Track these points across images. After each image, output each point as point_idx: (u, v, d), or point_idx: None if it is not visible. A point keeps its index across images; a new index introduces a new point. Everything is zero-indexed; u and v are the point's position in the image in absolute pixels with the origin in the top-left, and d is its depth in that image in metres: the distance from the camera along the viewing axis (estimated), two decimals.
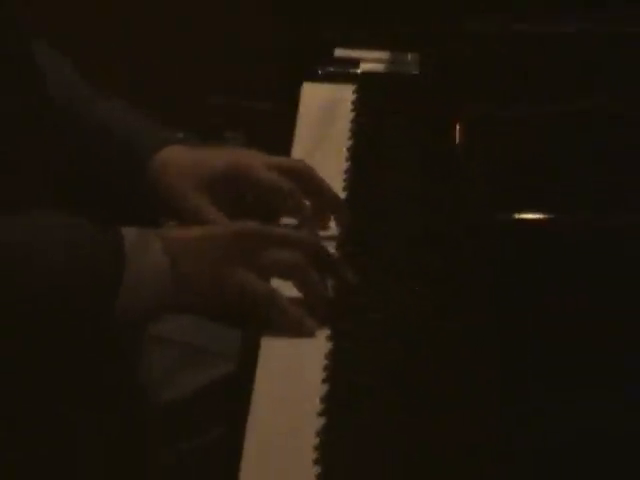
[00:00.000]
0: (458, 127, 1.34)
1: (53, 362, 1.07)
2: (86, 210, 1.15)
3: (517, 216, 1.23)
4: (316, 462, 0.89)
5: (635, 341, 1.13)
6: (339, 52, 1.54)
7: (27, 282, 1.05)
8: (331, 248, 1.16)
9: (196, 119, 1.36)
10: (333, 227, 1.21)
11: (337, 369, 1.01)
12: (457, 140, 1.33)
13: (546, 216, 1.24)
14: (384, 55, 1.55)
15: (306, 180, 1.19)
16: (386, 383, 1.00)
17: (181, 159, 1.26)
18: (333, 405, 0.95)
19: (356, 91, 1.51)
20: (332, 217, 1.21)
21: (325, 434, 0.91)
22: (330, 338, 1.05)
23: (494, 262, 1.16)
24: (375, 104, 1.48)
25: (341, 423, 0.94)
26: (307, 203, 1.18)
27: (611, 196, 1.26)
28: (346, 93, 1.52)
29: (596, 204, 1.26)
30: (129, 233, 1.06)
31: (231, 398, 1.09)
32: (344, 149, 1.38)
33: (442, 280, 1.12)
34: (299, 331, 1.06)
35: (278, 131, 1.40)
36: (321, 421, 0.93)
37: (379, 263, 1.16)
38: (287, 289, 1.07)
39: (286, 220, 1.24)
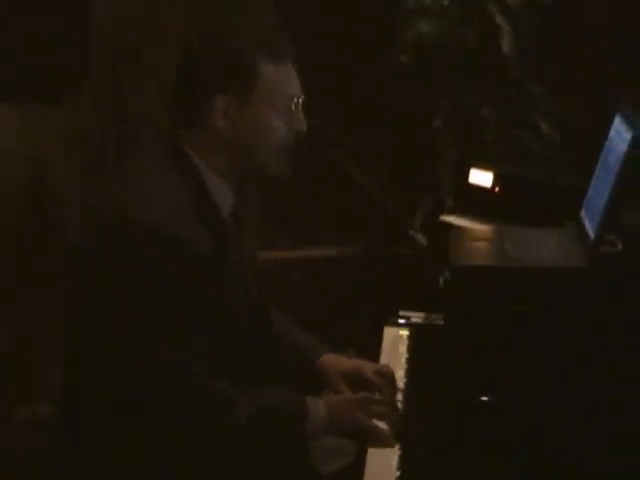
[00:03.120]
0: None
1: (268, 458, 1.71)
2: (285, 383, 1.80)
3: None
4: None
5: None
6: (401, 313, 2.15)
7: (263, 422, 1.68)
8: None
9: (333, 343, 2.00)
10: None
11: (403, 461, 1.66)
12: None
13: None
14: (423, 314, 2.15)
15: (388, 377, 1.88)
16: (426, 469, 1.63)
17: (330, 361, 1.92)
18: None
19: (409, 331, 2.13)
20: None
21: None
22: (400, 448, 1.70)
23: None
24: (418, 337, 2.09)
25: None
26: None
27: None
28: (404, 332, 2.13)
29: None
30: (307, 398, 1.74)
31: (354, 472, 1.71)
32: (403, 359, 2.02)
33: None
34: (385, 444, 1.72)
35: (373, 350, 2.02)
36: None
37: (417, 410, 1.79)
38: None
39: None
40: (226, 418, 1.67)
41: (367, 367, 1.90)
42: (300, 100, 1.77)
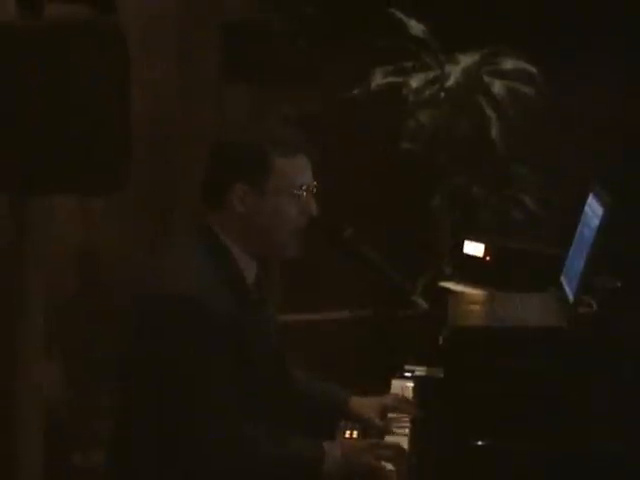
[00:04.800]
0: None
1: None
2: (302, 428, 1.89)
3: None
4: None
5: None
6: (407, 367, 2.24)
7: (281, 464, 1.77)
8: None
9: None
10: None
11: None
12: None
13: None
14: (425, 368, 2.22)
15: (405, 400, 2.01)
16: None
17: (358, 402, 2.03)
18: None
19: (414, 383, 2.22)
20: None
21: None
22: None
23: None
24: (422, 389, 2.17)
25: None
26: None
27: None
28: (409, 384, 2.22)
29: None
30: (325, 443, 1.83)
31: None
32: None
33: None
34: None
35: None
36: None
37: (421, 453, 1.87)
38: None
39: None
40: (251, 461, 1.75)
41: (388, 399, 2.08)
42: (312, 187, 1.88)
